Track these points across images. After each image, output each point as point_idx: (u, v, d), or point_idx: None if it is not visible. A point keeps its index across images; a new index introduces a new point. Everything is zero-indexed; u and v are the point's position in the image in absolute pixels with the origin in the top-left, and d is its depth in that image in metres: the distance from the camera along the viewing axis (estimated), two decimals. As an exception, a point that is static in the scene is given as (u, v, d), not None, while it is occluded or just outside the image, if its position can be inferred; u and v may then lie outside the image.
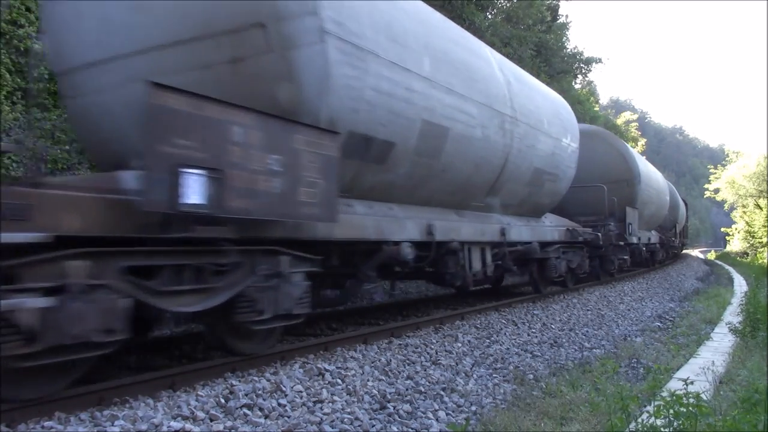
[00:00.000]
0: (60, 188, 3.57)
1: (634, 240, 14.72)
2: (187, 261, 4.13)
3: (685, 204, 31.65)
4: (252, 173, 4.14)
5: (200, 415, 3.63)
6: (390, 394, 4.39)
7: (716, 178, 50.81)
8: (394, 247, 5.96)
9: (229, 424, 3.58)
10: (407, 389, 4.55)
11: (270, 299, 4.59)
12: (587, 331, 7.68)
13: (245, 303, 4.46)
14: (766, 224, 37.00)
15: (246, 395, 4.02)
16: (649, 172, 17.49)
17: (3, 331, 3.18)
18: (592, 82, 42.23)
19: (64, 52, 5.19)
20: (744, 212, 43.75)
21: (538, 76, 12.47)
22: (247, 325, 4.58)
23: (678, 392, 2.94)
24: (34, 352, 3.29)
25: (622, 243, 13.61)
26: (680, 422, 2.78)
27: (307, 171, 4.57)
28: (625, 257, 14.34)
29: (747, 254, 38.13)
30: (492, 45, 18.58)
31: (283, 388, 4.21)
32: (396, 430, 3.77)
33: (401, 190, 6.37)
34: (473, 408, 4.29)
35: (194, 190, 3.77)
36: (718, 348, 6.02)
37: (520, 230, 8.97)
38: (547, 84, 11.53)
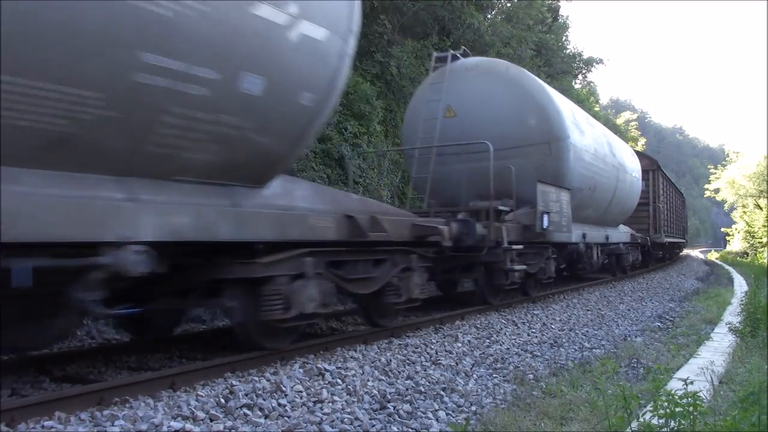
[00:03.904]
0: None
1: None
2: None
3: (657, 168, 20.26)
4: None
5: (200, 415, 3.63)
6: (390, 394, 4.39)
7: (716, 178, 50.90)
8: None
9: (229, 424, 3.58)
10: (407, 389, 4.55)
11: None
12: (587, 331, 7.68)
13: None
14: (766, 224, 37.03)
15: (246, 395, 4.03)
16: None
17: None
18: (592, 82, 42.24)
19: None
20: (744, 212, 43.82)
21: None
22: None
23: (675, 392, 2.92)
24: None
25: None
26: (677, 422, 2.77)
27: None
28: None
29: (747, 254, 38.13)
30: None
31: (283, 388, 4.21)
32: (396, 430, 3.76)
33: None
34: (473, 408, 4.28)
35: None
36: (718, 348, 6.01)
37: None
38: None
